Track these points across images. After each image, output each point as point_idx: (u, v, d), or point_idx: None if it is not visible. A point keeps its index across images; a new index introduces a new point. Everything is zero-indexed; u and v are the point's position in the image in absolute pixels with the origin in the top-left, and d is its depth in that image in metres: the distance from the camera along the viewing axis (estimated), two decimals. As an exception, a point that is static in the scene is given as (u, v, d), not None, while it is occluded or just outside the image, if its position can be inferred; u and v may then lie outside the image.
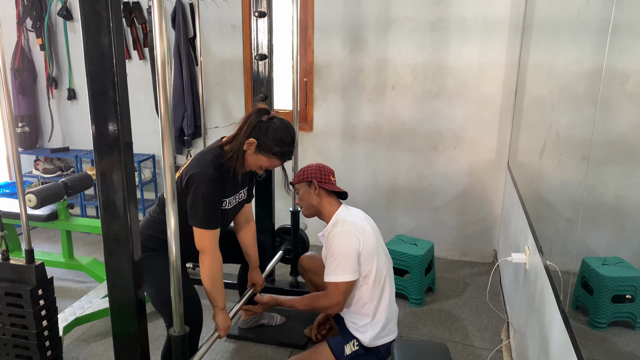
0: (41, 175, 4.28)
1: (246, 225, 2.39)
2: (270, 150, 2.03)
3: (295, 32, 2.79)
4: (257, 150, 2.03)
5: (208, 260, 2.01)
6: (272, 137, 2.02)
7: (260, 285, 2.47)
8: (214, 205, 2.00)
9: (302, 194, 2.29)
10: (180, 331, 1.68)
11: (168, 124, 1.45)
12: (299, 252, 3.03)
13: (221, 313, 2.08)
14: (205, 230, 1.98)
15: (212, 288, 2.03)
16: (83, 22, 1.40)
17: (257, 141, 2.01)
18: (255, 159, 2.06)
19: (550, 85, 2.10)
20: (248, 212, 2.38)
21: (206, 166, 1.98)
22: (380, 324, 2.20)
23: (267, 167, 2.11)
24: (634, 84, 1.23)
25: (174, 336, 1.68)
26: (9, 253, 2.06)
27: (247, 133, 2.02)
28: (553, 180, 1.89)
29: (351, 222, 2.17)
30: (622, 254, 1.29)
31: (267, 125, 2.03)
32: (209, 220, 1.98)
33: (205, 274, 2.02)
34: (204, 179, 1.95)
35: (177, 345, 1.69)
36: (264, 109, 2.07)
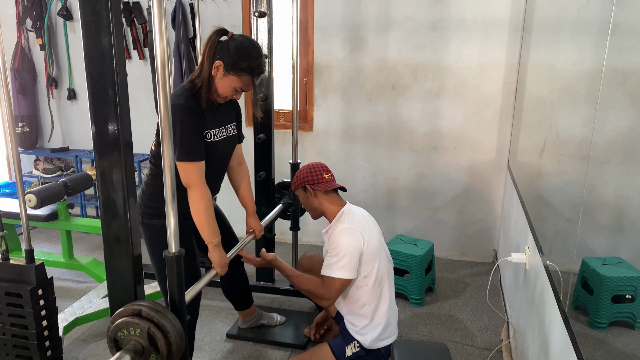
0: (41, 175, 4.29)
1: (238, 169, 2.33)
2: (238, 67, 1.94)
3: (295, 32, 2.80)
4: (225, 71, 1.95)
5: (196, 194, 1.92)
6: (236, 53, 1.93)
7: (259, 231, 2.38)
8: (192, 135, 1.91)
9: (302, 200, 2.29)
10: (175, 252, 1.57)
11: (168, 124, 1.45)
12: (299, 205, 2.98)
13: (216, 249, 2.00)
14: (187, 162, 1.89)
15: (204, 223, 1.95)
16: (83, 22, 1.40)
17: (223, 61, 1.94)
18: (227, 82, 1.97)
19: (550, 85, 2.10)
20: (239, 154, 2.31)
21: (177, 98, 1.92)
22: (380, 326, 2.19)
23: (241, 87, 2.00)
24: (634, 84, 1.23)
25: (167, 256, 1.57)
26: (9, 253, 2.06)
27: (211, 57, 1.94)
28: (553, 180, 1.89)
29: (357, 220, 2.16)
30: (622, 254, 1.29)
31: (228, 43, 1.95)
32: (189, 151, 1.89)
33: (195, 209, 1.94)
34: (176, 109, 1.86)
35: (171, 266, 1.58)
36: (223, 29, 1.99)
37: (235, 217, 2.79)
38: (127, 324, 1.51)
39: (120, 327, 1.52)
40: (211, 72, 1.95)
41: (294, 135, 2.97)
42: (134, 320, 1.51)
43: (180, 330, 1.54)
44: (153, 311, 1.51)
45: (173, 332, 1.51)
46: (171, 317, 1.53)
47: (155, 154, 2.03)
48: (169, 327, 1.51)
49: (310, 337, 2.61)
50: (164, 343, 1.50)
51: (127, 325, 1.51)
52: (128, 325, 1.51)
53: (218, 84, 1.98)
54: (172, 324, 1.52)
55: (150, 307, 1.52)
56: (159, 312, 1.51)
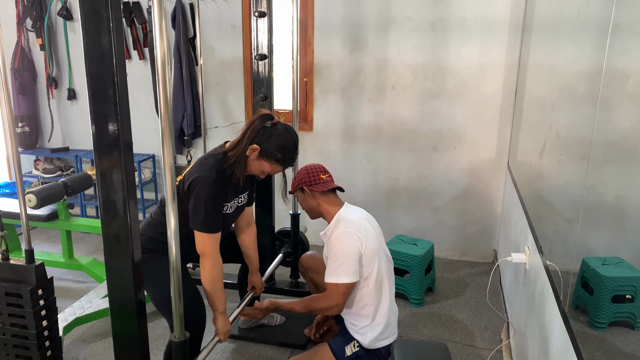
0: (41, 175, 4.29)
1: (247, 229, 2.39)
2: (273, 156, 2.04)
3: (295, 32, 2.79)
4: (260, 156, 2.04)
5: (209, 264, 2.01)
6: (275, 144, 2.03)
7: (260, 289, 2.47)
8: (215, 209, 2.00)
9: (301, 201, 2.32)
10: (181, 337, 1.68)
11: (168, 124, 1.45)
12: (299, 255, 3.02)
13: (221, 317, 2.08)
14: (206, 234, 1.98)
15: (213, 292, 2.04)
16: (83, 22, 1.40)
17: (260, 147, 2.03)
18: (258, 165, 2.07)
19: (550, 85, 2.10)
20: (249, 215, 2.39)
21: (209, 170, 1.99)
22: (380, 326, 2.19)
23: (269, 172, 2.12)
24: (634, 84, 1.23)
25: (174, 342, 1.67)
26: (9, 253, 2.06)
27: (251, 139, 2.03)
28: (553, 180, 1.89)
29: (354, 223, 2.16)
30: (622, 254, 1.29)
31: (270, 132, 2.04)
32: (211, 224, 1.98)
33: (206, 278, 2.02)
34: (206, 183, 1.95)
35: (178, 351, 1.69)
36: (268, 115, 2.08)
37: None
38: None
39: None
40: (246, 151, 2.03)
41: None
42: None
43: None
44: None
45: None
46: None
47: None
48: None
49: (310, 337, 2.61)
50: None
51: None
52: None
53: (249, 164, 2.07)
54: None
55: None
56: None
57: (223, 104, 3.94)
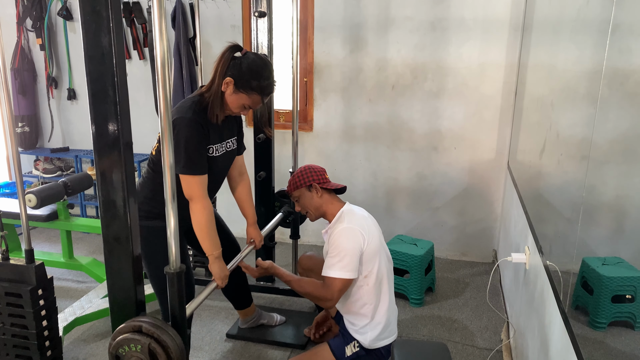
0: (41, 175, 4.29)
1: (240, 179, 2.34)
2: (249, 85, 1.95)
3: (295, 32, 2.79)
4: (236, 88, 1.95)
5: (198, 207, 1.94)
6: (248, 72, 1.94)
7: (260, 242, 2.40)
8: (197, 149, 1.92)
9: (304, 200, 2.27)
10: (176, 269, 1.60)
11: (168, 124, 1.45)
12: (299, 214, 2.98)
13: (217, 262, 2.01)
14: (191, 176, 1.91)
15: (205, 236, 1.97)
16: (83, 22, 1.40)
17: (234, 79, 1.94)
18: (236, 99, 1.98)
19: (550, 85, 2.10)
20: (240, 165, 2.32)
21: (186, 111, 1.92)
22: (380, 325, 2.19)
23: (250, 105, 2.01)
24: (634, 84, 1.23)
25: (169, 272, 1.59)
26: (9, 253, 2.06)
27: (223, 72, 1.95)
28: (553, 180, 1.89)
29: (357, 220, 2.16)
30: (622, 254, 1.29)
31: (241, 61, 1.95)
32: (194, 164, 1.91)
33: (197, 222, 1.95)
34: (183, 123, 1.88)
35: (172, 283, 1.60)
36: (237, 45, 1.99)
37: (236, 218, 2.79)
38: (128, 341, 1.52)
39: (121, 344, 1.53)
40: (221, 87, 1.96)
41: (294, 135, 2.97)
42: (135, 337, 1.51)
43: (181, 345, 1.54)
44: (153, 327, 1.51)
45: (174, 347, 1.51)
46: (171, 332, 1.54)
47: (156, 158, 2.03)
48: (170, 342, 1.51)
49: (310, 337, 2.61)
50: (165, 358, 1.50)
51: (128, 341, 1.52)
52: (129, 341, 1.52)
53: (227, 100, 1.99)
54: (172, 339, 1.52)
55: (150, 323, 1.52)
56: (159, 327, 1.52)
57: (223, 104, 3.94)
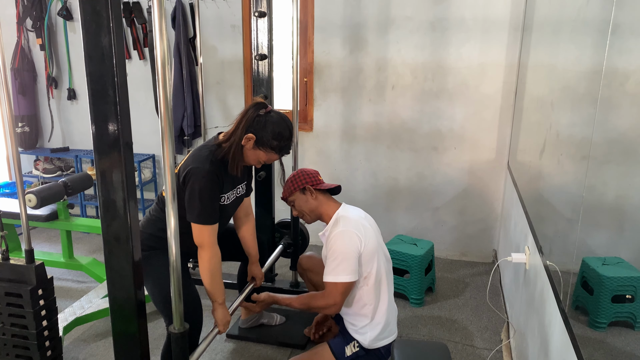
0: (41, 175, 4.29)
1: (245, 219, 2.38)
2: (269, 144, 2.02)
3: (295, 32, 2.79)
4: (256, 145, 2.02)
5: (207, 255, 2.00)
6: (270, 132, 2.01)
7: (260, 279, 2.45)
8: (211, 200, 1.99)
9: (299, 204, 2.28)
10: (180, 328, 1.68)
11: (168, 124, 1.45)
12: (299, 245, 3.02)
13: (220, 308, 2.08)
14: (203, 225, 1.97)
15: (211, 283, 2.03)
16: (83, 22, 1.40)
17: (256, 136, 2.01)
18: (254, 154, 2.05)
19: (550, 85, 2.10)
20: (247, 206, 2.38)
21: (203, 161, 1.97)
22: (380, 325, 2.19)
23: (265, 161, 2.10)
24: (634, 84, 1.23)
25: (173, 333, 1.68)
26: (9, 253, 2.06)
27: (245, 128, 2.01)
28: (553, 180, 1.89)
29: (353, 222, 2.16)
30: (622, 254, 1.29)
31: (265, 120, 2.02)
32: (207, 215, 1.97)
33: (204, 269, 2.01)
34: (200, 174, 1.94)
35: (177, 343, 1.69)
36: (261, 103, 2.06)
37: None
38: None
39: None
40: (241, 141, 2.01)
41: (294, 135, 2.97)
42: None
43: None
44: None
45: None
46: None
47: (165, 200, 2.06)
48: None
49: (310, 337, 2.61)
50: None
51: None
52: None
53: (245, 153, 2.05)
54: None
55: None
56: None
57: (223, 104, 3.94)
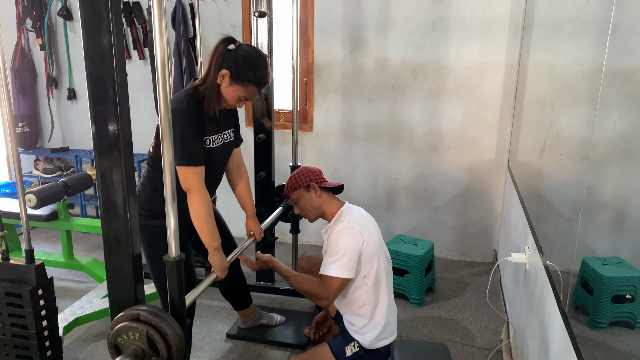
0: (41, 175, 4.29)
1: (238, 172, 2.33)
2: (245, 76, 1.94)
3: (295, 32, 2.80)
4: (232, 80, 1.95)
5: (196, 198, 1.93)
6: (243, 63, 1.94)
7: (259, 234, 2.38)
8: (193, 140, 1.92)
9: (303, 201, 2.26)
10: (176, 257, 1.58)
11: (168, 124, 1.45)
12: None
13: (217, 253, 2.00)
14: (188, 167, 1.90)
15: (204, 227, 1.96)
16: (83, 22, 1.40)
17: (229, 71, 1.94)
18: (232, 91, 1.97)
19: (550, 85, 2.10)
20: (238, 157, 2.32)
21: (180, 102, 1.92)
22: (380, 326, 2.19)
23: (246, 96, 2.00)
24: (634, 84, 1.23)
25: (168, 261, 1.58)
26: (9, 253, 2.06)
27: (218, 65, 1.94)
28: (553, 180, 1.89)
29: (357, 219, 2.15)
30: (622, 254, 1.29)
31: (235, 53, 1.95)
32: (190, 156, 1.90)
33: (195, 213, 1.94)
34: (178, 114, 1.87)
35: (172, 271, 1.59)
36: (230, 38, 1.99)
37: (235, 217, 2.79)
38: (126, 329, 1.51)
39: (119, 333, 1.52)
40: (216, 80, 1.96)
41: (294, 135, 2.97)
42: (133, 325, 1.50)
43: (179, 332, 1.54)
44: (151, 315, 1.51)
45: (172, 334, 1.51)
46: (169, 319, 1.53)
47: (154, 155, 2.03)
48: (168, 329, 1.50)
49: (310, 337, 2.61)
50: (164, 346, 1.50)
51: (126, 330, 1.51)
52: (127, 330, 1.51)
53: (223, 92, 1.99)
54: (170, 326, 1.51)
55: (148, 310, 1.52)
56: (157, 315, 1.51)
57: (223, 104, 3.94)
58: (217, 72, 1.95)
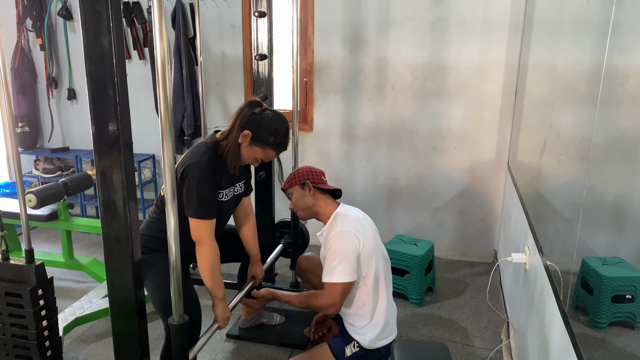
0: (41, 175, 4.29)
1: (245, 219, 2.39)
2: (265, 141, 2.04)
3: (295, 32, 2.79)
4: (252, 142, 2.04)
5: (205, 250, 2.00)
6: (266, 128, 2.03)
7: (260, 278, 2.45)
8: (208, 194, 1.99)
9: (296, 198, 2.28)
10: (180, 320, 1.65)
11: (168, 124, 1.45)
12: (299, 245, 3.02)
13: (220, 303, 2.08)
14: (200, 220, 1.97)
15: (211, 278, 2.02)
16: (83, 22, 1.40)
17: (252, 133, 2.02)
18: (251, 151, 2.07)
19: (550, 85, 2.10)
20: (247, 205, 2.38)
21: (200, 156, 1.98)
22: (379, 325, 2.19)
23: (263, 159, 2.11)
24: (634, 84, 1.23)
25: (173, 325, 1.64)
26: (9, 253, 2.06)
27: (241, 126, 2.03)
28: (553, 180, 1.89)
29: (351, 222, 2.16)
30: (622, 254, 1.29)
31: (260, 117, 2.04)
32: (204, 209, 1.97)
33: (203, 265, 2.01)
34: (198, 169, 1.95)
35: (176, 334, 1.65)
36: (256, 102, 2.08)
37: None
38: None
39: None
40: (238, 139, 2.03)
41: (294, 135, 2.97)
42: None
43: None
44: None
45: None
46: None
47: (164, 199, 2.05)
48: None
49: (310, 337, 2.61)
50: None
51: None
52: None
53: (242, 151, 2.07)
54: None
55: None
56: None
57: (223, 104, 3.94)
58: (239, 132, 2.03)
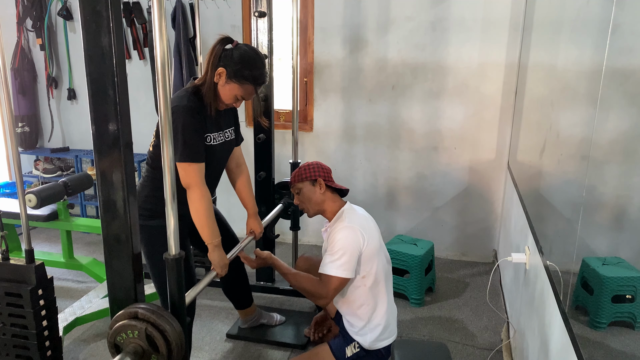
0: (41, 175, 4.29)
1: (238, 170, 2.34)
2: (241, 75, 1.95)
3: (295, 32, 2.79)
4: (228, 79, 1.96)
5: (196, 195, 1.93)
6: (240, 62, 1.95)
7: (259, 233, 2.38)
8: (193, 136, 1.92)
9: (306, 193, 2.24)
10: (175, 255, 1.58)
11: (168, 124, 1.45)
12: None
13: (216, 250, 2.01)
14: (188, 163, 1.90)
15: (204, 224, 1.96)
16: (83, 22, 1.40)
17: (226, 69, 1.95)
18: (229, 89, 1.98)
19: (550, 85, 2.10)
20: (238, 156, 2.33)
21: (180, 99, 1.93)
22: (379, 327, 2.18)
23: (243, 96, 2.01)
24: (634, 84, 1.23)
25: (168, 258, 1.57)
26: (9, 253, 2.06)
27: (215, 64, 1.96)
28: (553, 180, 1.89)
29: (358, 219, 2.15)
30: (622, 254, 1.29)
31: (232, 52, 1.97)
32: (191, 152, 1.90)
33: (195, 210, 1.94)
34: (179, 111, 1.89)
35: (172, 269, 1.58)
36: (227, 37, 2.01)
37: (236, 217, 2.79)
38: (124, 327, 1.51)
39: (118, 331, 1.52)
40: (214, 78, 1.97)
41: (294, 135, 2.97)
42: (131, 323, 1.51)
43: (178, 329, 1.54)
44: (149, 312, 1.51)
45: (171, 331, 1.51)
46: (168, 316, 1.53)
47: (153, 155, 2.04)
48: (166, 326, 1.51)
49: (310, 337, 2.61)
50: (163, 343, 1.50)
51: (125, 328, 1.51)
52: (126, 328, 1.51)
53: (219, 91, 2.00)
54: (169, 323, 1.52)
55: (146, 308, 1.52)
56: (155, 312, 1.52)
57: (223, 104, 3.94)
58: (214, 71, 1.96)
